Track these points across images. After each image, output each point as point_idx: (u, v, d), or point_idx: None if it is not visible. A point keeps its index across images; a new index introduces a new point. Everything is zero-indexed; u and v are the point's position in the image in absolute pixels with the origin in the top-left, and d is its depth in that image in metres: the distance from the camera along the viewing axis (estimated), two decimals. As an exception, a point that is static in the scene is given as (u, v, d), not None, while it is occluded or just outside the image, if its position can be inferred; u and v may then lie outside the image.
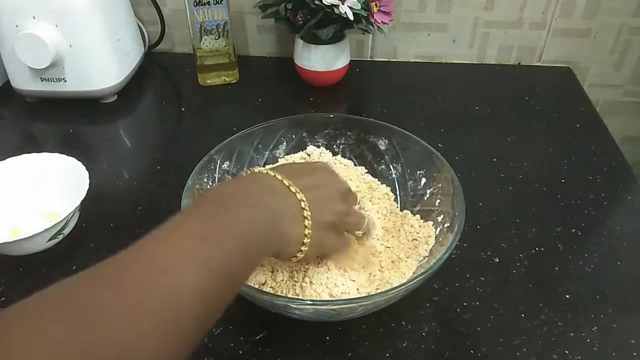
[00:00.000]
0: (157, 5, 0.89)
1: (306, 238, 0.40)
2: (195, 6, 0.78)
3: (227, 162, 0.58)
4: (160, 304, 0.28)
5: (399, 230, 0.55)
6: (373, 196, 0.59)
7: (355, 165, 0.63)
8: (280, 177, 0.41)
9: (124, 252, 0.31)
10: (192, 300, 0.30)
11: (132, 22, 0.86)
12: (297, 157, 0.62)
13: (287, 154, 0.63)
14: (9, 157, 0.61)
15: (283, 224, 0.39)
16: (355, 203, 0.49)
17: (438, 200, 0.55)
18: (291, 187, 0.40)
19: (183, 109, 0.84)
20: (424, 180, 0.58)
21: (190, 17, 0.79)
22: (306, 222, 0.40)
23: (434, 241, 0.52)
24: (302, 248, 0.41)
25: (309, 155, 0.62)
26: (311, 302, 0.43)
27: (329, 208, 0.43)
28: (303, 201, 0.40)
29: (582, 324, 0.50)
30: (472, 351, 0.48)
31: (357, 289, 0.48)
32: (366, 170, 0.62)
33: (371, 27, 0.78)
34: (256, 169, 0.42)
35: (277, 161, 0.62)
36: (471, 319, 0.51)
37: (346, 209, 0.46)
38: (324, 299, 0.46)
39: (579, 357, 0.47)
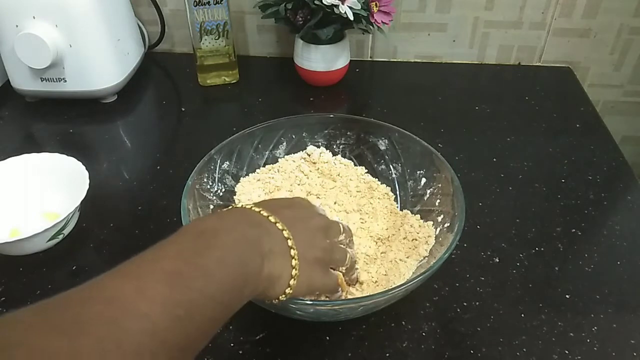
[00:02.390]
0: (157, 5, 0.89)
1: (293, 279, 0.38)
2: (195, 6, 0.78)
3: (227, 162, 0.58)
4: (120, 356, 0.25)
5: (399, 230, 0.55)
6: (373, 196, 0.59)
7: (355, 165, 0.63)
8: (265, 213, 0.38)
9: (85, 285, 0.28)
10: (158, 350, 0.27)
11: (132, 22, 0.86)
12: (297, 157, 0.62)
13: (287, 154, 0.63)
14: (9, 157, 0.61)
15: (268, 263, 0.36)
16: (338, 235, 0.45)
17: (438, 200, 0.55)
18: (277, 224, 0.38)
19: (183, 109, 0.84)
20: (424, 180, 0.58)
21: (190, 17, 0.79)
22: (293, 262, 0.38)
23: (434, 241, 0.52)
24: (287, 290, 0.38)
25: (309, 155, 0.62)
26: (311, 302, 0.43)
27: (314, 243, 0.41)
28: (290, 239, 0.38)
29: (582, 324, 0.50)
30: (472, 351, 0.48)
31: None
32: (366, 170, 0.62)
33: (371, 27, 0.78)
34: (239, 204, 0.40)
35: (277, 161, 0.62)
36: (471, 319, 0.51)
37: (330, 244, 0.43)
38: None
39: (579, 357, 0.47)
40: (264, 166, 0.62)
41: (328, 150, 0.63)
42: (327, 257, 0.42)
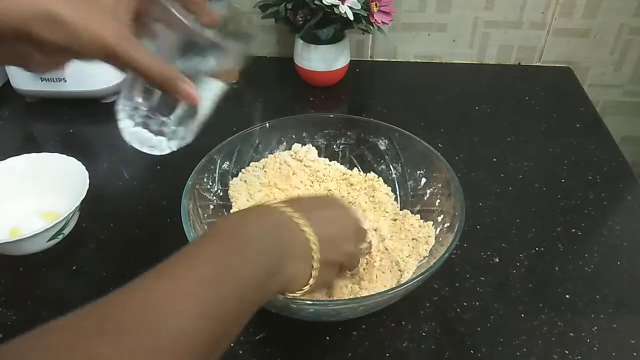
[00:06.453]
0: (157, 5, 0.88)
1: (312, 279, 0.40)
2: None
3: (227, 162, 0.58)
4: (159, 356, 0.27)
5: (399, 230, 0.55)
6: (374, 195, 0.59)
7: (356, 165, 0.63)
8: (290, 213, 0.39)
9: (124, 289, 0.29)
10: (193, 349, 0.29)
11: (132, 22, 0.86)
12: (285, 155, 0.62)
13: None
14: (9, 157, 0.61)
15: (291, 265, 0.38)
16: (363, 242, 0.48)
17: (438, 200, 0.55)
18: (304, 227, 0.39)
19: (183, 109, 0.84)
20: (424, 180, 0.58)
21: (190, 17, 0.79)
22: (314, 264, 0.39)
23: (434, 241, 0.52)
24: (305, 288, 0.40)
25: (295, 152, 0.62)
26: (311, 302, 0.43)
27: (338, 248, 0.42)
28: (315, 244, 0.39)
29: (582, 324, 0.50)
30: (472, 351, 0.48)
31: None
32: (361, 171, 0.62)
33: (371, 27, 0.78)
34: (269, 202, 0.41)
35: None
36: (471, 319, 0.51)
37: (354, 251, 0.45)
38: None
39: (579, 357, 0.47)
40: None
41: (313, 147, 0.63)
42: (345, 262, 0.45)
